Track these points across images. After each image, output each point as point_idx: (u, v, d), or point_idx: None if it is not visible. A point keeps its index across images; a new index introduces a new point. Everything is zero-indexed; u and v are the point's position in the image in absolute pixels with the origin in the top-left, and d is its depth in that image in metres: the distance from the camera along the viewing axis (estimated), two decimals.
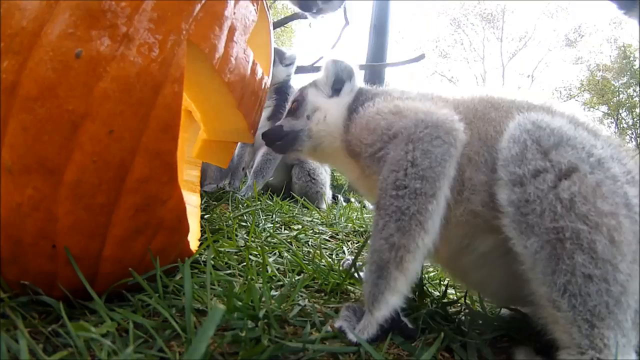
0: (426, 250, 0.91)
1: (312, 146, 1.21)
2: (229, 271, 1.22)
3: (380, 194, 0.94)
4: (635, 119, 22.66)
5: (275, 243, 1.54)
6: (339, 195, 3.50)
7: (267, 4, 1.28)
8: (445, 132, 0.93)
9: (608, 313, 0.77)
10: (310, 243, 1.71)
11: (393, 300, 0.90)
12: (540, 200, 0.82)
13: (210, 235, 1.32)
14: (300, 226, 1.94)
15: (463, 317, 1.08)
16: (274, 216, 2.04)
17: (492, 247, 0.93)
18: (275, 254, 1.44)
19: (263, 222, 1.91)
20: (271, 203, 2.34)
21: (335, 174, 4.66)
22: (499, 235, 0.88)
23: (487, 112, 1.00)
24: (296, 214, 2.20)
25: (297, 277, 1.24)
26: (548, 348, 0.86)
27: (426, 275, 1.42)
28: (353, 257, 1.27)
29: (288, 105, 1.30)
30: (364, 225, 2.11)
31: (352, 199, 3.47)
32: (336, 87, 1.25)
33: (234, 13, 1.02)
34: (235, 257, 1.32)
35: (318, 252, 1.48)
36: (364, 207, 2.91)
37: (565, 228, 0.79)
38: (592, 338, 0.77)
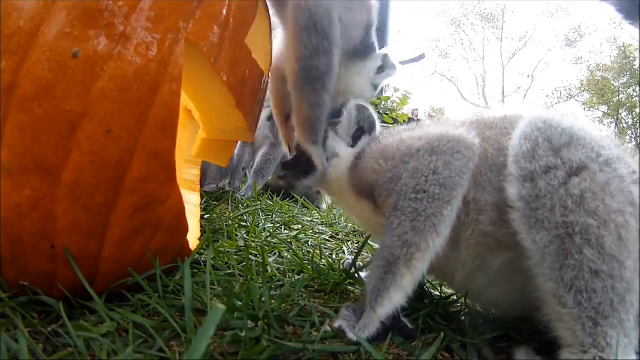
0: (434, 254, 0.93)
1: (323, 184, 1.23)
2: (229, 271, 1.22)
3: (397, 198, 0.96)
4: (635, 119, 22.66)
5: (275, 243, 1.54)
6: None
7: (267, 2, 1.28)
8: (466, 147, 0.97)
9: (612, 311, 0.77)
10: (310, 243, 1.70)
11: (397, 297, 0.91)
12: (550, 196, 0.83)
13: (210, 235, 1.32)
14: (300, 226, 1.94)
15: (463, 317, 1.08)
16: (274, 216, 2.03)
17: (504, 263, 0.95)
18: (275, 254, 1.44)
19: (263, 222, 1.91)
20: (271, 203, 2.34)
21: None
22: (510, 251, 0.90)
23: (482, 132, 1.02)
24: (296, 214, 2.20)
25: (297, 277, 1.24)
26: (548, 348, 0.86)
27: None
28: (353, 257, 1.27)
29: None
30: None
31: None
32: (355, 135, 1.21)
33: (233, 11, 1.02)
34: (235, 257, 1.32)
35: (318, 252, 1.48)
36: None
37: (575, 223, 0.80)
38: (595, 336, 0.77)
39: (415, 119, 5.83)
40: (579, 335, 0.78)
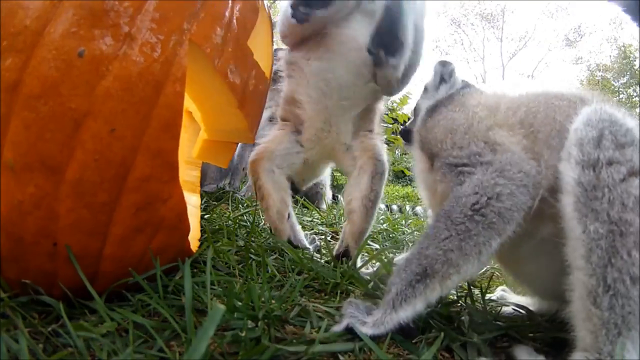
0: (467, 278, 0.93)
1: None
2: (229, 271, 1.22)
3: (453, 206, 0.95)
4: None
5: (275, 243, 1.54)
6: (339, 195, 3.49)
7: (267, 4, 1.28)
8: (533, 185, 0.94)
9: (635, 324, 0.75)
10: None
11: (420, 306, 0.91)
12: (610, 189, 0.81)
13: (210, 235, 1.32)
14: (300, 226, 1.94)
15: (463, 317, 1.08)
16: None
17: (552, 234, 0.93)
18: (275, 253, 1.44)
19: (263, 222, 1.91)
20: None
21: (335, 174, 4.66)
22: (557, 226, 0.88)
23: (551, 100, 1.03)
24: (296, 213, 2.20)
25: (297, 277, 1.24)
26: (548, 348, 0.86)
27: None
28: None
29: None
30: None
31: None
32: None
33: (235, 13, 1.02)
34: (235, 257, 1.32)
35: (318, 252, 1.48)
36: None
37: (631, 222, 0.78)
38: (614, 345, 0.75)
39: None
40: (600, 340, 0.76)
